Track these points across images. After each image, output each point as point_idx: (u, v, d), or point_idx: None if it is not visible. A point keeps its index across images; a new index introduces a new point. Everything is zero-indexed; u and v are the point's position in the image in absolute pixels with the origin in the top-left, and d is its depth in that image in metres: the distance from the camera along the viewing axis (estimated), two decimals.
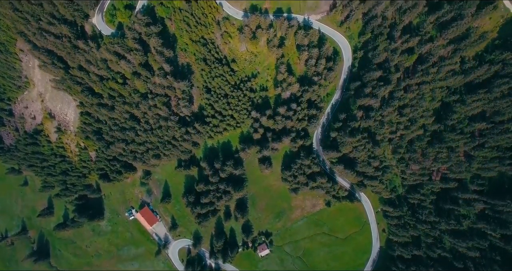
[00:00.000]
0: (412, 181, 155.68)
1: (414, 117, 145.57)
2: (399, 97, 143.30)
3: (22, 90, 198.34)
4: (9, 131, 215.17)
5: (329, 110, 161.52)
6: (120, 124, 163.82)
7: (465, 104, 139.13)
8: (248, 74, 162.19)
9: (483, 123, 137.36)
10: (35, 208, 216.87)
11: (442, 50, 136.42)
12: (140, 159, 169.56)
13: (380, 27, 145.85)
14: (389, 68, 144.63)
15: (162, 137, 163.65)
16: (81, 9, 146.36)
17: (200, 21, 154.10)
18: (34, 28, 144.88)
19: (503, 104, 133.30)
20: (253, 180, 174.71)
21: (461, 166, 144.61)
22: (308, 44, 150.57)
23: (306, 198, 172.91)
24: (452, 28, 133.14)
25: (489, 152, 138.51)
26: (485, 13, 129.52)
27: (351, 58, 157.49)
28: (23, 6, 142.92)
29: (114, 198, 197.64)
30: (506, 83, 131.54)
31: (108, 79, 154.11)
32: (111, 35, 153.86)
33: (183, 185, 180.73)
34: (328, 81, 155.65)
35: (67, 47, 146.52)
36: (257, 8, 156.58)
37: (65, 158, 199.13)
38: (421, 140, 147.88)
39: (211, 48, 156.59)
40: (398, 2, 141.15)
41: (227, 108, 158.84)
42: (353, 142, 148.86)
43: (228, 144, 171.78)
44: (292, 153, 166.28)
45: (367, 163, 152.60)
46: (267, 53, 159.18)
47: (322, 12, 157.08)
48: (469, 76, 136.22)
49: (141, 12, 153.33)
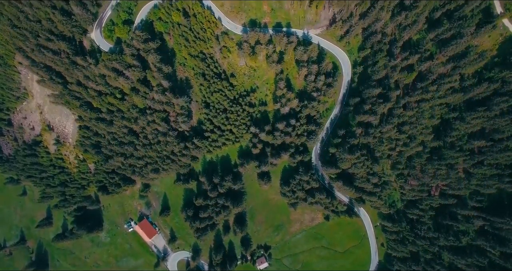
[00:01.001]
0: (411, 196, 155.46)
1: (413, 134, 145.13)
2: (398, 114, 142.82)
3: (20, 101, 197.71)
4: (8, 141, 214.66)
5: (328, 125, 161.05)
6: (119, 138, 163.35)
7: (464, 121, 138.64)
8: (247, 89, 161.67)
9: (482, 141, 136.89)
10: (34, 218, 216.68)
11: (441, 68, 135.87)
12: (139, 173, 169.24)
13: (380, 43, 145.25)
14: (388, 85, 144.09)
15: (160, 152, 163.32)
16: (79, 25, 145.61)
17: (199, 36, 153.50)
18: (32, 44, 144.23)
19: (503, 122, 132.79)
20: (252, 194, 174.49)
21: (460, 183, 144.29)
22: (307, 60, 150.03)
23: (305, 211, 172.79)
24: (451, 46, 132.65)
25: (488, 169, 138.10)
26: (484, 32, 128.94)
27: (351, 73, 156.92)
28: (21, 22, 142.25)
29: (113, 210, 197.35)
30: (506, 102, 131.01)
31: (107, 94, 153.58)
32: (110, 51, 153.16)
33: (182, 198, 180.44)
34: (328, 97, 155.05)
35: (66, 63, 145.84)
36: (256, 23, 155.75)
37: (64, 169, 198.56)
38: (420, 156, 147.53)
39: (210, 63, 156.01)
40: (398, 19, 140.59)
41: (226, 123, 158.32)
42: (352, 158, 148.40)
43: (227, 157, 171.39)
44: (291, 167, 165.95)
45: (366, 179, 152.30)
46: (266, 67, 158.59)
47: (321, 27, 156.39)
48: (468, 94, 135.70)
49: (139, 27, 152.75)
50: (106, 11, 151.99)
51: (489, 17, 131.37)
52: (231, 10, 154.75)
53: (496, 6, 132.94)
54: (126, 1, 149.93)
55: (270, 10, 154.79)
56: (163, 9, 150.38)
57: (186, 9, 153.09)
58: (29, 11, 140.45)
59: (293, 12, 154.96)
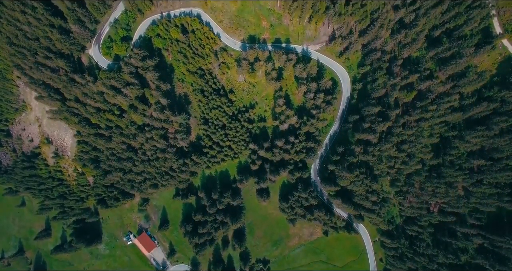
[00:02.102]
0: (409, 213, 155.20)
1: (413, 152, 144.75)
2: (397, 133, 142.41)
3: (19, 112, 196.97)
4: (7, 152, 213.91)
5: (327, 141, 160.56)
6: (118, 154, 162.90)
7: (464, 140, 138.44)
8: (246, 104, 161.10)
9: (482, 160, 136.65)
10: (32, 228, 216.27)
11: (441, 87, 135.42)
12: (138, 188, 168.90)
13: (379, 61, 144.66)
14: (388, 103, 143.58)
15: (159, 168, 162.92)
16: (77, 42, 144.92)
17: (198, 52, 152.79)
18: (30, 62, 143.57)
19: (502, 142, 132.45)
20: (251, 208, 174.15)
21: (459, 201, 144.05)
22: (306, 77, 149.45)
23: (303, 226, 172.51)
24: (451, 66, 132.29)
25: (487, 188, 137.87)
26: (483, 52, 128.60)
27: (350, 89, 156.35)
28: (19, 41, 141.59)
29: (112, 222, 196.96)
30: (505, 121, 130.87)
31: (105, 111, 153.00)
32: (108, 67, 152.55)
33: (181, 212, 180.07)
34: (327, 114, 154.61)
35: (64, 80, 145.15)
36: (255, 39, 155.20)
37: (63, 181, 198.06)
38: (419, 174, 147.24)
39: (208, 79, 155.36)
40: (398, 37, 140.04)
41: (225, 139, 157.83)
42: (351, 177, 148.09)
43: (226, 172, 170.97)
44: (290, 182, 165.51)
45: (364, 197, 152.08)
46: (265, 83, 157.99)
47: (321, 43, 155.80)
48: (468, 113, 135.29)
49: (138, 43, 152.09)
50: (104, 27, 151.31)
51: (489, 37, 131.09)
52: (230, 26, 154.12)
53: (495, 26, 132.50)
54: (125, 18, 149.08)
55: (269, 26, 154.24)
56: (161, 25, 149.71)
57: (185, 25, 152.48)
58: (28, 29, 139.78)
59: (292, 28, 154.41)
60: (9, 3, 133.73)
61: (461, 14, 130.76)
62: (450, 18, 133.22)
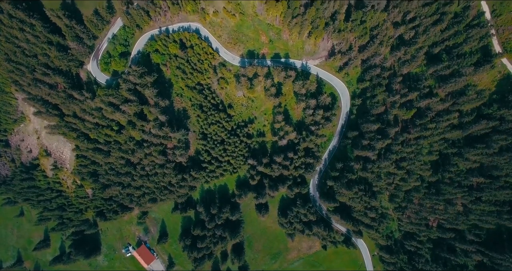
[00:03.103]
0: (408, 228, 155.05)
1: (412, 169, 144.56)
2: (396, 151, 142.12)
3: (18, 123, 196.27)
4: (5, 162, 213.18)
5: (326, 156, 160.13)
6: (116, 169, 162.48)
7: (463, 157, 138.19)
8: (245, 119, 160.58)
9: (481, 178, 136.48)
10: (31, 238, 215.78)
11: (440, 105, 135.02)
12: (137, 202, 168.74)
13: (378, 77, 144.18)
14: (387, 120, 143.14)
15: (158, 183, 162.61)
16: (75, 58, 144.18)
17: (196, 67, 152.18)
18: (28, 79, 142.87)
19: (501, 160, 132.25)
20: (249, 222, 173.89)
21: (458, 218, 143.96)
22: (305, 93, 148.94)
23: (302, 239, 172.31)
24: (450, 84, 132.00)
25: (486, 206, 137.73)
26: (483, 70, 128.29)
27: (349, 104, 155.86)
28: (17, 57, 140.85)
29: (111, 234, 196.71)
30: (504, 140, 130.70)
31: (103, 126, 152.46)
32: (106, 83, 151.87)
33: (180, 225, 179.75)
34: (326, 129, 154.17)
35: (62, 96, 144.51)
36: (254, 54, 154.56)
37: (62, 192, 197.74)
38: (418, 191, 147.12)
39: (207, 94, 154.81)
40: (397, 54, 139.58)
41: (224, 154, 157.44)
42: (350, 194, 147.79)
43: (225, 186, 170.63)
44: (289, 197, 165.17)
45: (363, 213, 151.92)
46: (264, 98, 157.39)
47: (320, 58, 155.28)
48: (467, 131, 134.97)
49: (136, 59, 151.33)
50: (103, 42, 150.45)
51: (488, 55, 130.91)
52: (228, 41, 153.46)
53: (494, 44, 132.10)
54: (123, 33, 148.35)
55: (268, 41, 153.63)
56: (159, 41, 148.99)
57: (183, 40, 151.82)
58: (26, 46, 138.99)
59: (291, 43, 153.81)
60: (7, 21, 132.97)
61: (460, 32, 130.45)
62: (450, 36, 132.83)
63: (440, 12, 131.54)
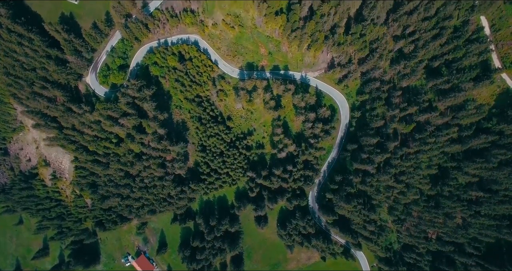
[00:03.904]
0: (407, 241, 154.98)
1: (411, 183, 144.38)
2: (395, 165, 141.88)
3: (17, 132, 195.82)
4: (4, 170, 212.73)
5: (325, 168, 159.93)
6: (115, 180, 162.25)
7: (462, 171, 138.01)
8: (244, 131, 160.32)
9: (480, 192, 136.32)
10: (30, 247, 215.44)
11: (440, 120, 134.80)
12: (136, 213, 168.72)
13: (378, 91, 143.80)
14: (386, 134, 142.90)
15: (157, 195, 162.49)
16: (74, 71, 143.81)
17: (195, 79, 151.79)
18: (27, 92, 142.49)
19: (501, 175, 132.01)
20: (249, 232, 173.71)
21: (457, 232, 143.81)
22: (305, 106, 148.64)
23: (301, 250, 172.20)
24: (450, 98, 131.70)
25: (486, 220, 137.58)
26: (482, 86, 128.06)
27: (349, 116, 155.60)
28: (16, 71, 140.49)
29: (110, 243, 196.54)
30: (504, 154, 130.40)
31: (102, 139, 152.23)
32: (105, 95, 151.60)
33: (179, 235, 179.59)
34: (325, 142, 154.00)
35: (61, 110, 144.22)
36: (254, 66, 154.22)
37: (61, 202, 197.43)
38: (417, 204, 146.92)
39: (206, 106, 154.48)
40: (397, 68, 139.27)
41: (223, 167, 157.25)
42: (349, 207, 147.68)
43: (224, 198, 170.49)
44: (288, 209, 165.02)
45: (362, 226, 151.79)
46: (263, 110, 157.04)
47: (319, 70, 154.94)
48: (466, 146, 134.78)
49: (135, 71, 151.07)
50: (102, 55, 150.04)
51: (487, 70, 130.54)
52: (227, 53, 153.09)
53: (493, 58, 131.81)
54: (121, 46, 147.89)
55: (267, 53, 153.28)
56: (158, 53, 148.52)
57: (182, 52, 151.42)
58: (24, 60, 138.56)
59: (291, 55, 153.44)
60: (6, 35, 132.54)
61: (460, 47, 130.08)
62: (449, 50, 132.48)
63: (440, 27, 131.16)
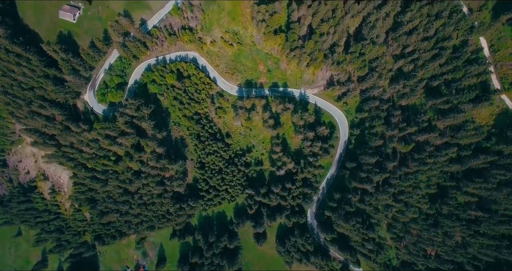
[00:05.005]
0: (406, 258, 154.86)
1: (410, 202, 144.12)
2: (394, 184, 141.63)
3: (16, 144, 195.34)
4: (3, 182, 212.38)
5: (324, 184, 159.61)
6: (114, 197, 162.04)
7: (461, 191, 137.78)
8: (242, 147, 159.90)
9: (479, 212, 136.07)
10: (28, 258, 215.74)
11: (439, 140, 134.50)
12: (135, 229, 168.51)
13: (377, 110, 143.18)
14: (385, 153, 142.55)
15: (156, 211, 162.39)
16: (72, 90, 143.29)
17: (194, 97, 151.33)
18: (25, 111, 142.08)
19: (500, 196, 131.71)
20: (248, 247, 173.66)
21: (457, 251, 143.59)
22: (304, 124, 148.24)
23: (300, 266, 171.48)
24: (449, 119, 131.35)
25: (485, 240, 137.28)
26: (481, 107, 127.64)
27: (348, 133, 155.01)
28: (14, 90, 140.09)
29: (109, 256, 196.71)
30: (503, 175, 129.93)
31: (101, 157, 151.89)
32: (103, 112, 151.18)
33: (178, 249, 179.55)
34: (324, 160, 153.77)
35: (59, 128, 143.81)
36: (252, 83, 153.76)
37: (60, 215, 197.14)
38: (416, 223, 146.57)
39: (204, 124, 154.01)
40: (396, 87, 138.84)
41: (222, 184, 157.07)
42: (348, 226, 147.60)
43: (223, 213, 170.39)
44: (287, 225, 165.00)
45: (361, 244, 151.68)
46: (262, 127, 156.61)
47: (319, 87, 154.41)
48: (466, 166, 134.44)
49: (133, 89, 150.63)
50: (100, 73, 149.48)
51: (487, 91, 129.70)
52: (226, 70, 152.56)
53: (493, 79, 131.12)
54: (119, 64, 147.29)
55: (266, 71, 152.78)
56: (156, 71, 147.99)
57: (181, 69, 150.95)
58: (22, 80, 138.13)
59: (290, 72, 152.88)
60: (4, 56, 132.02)
61: (459, 68, 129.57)
62: (449, 71, 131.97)
63: (439, 47, 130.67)
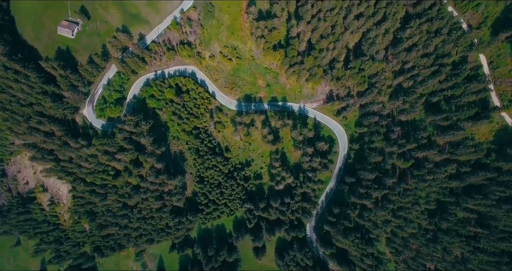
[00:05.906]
0: None
1: (409, 218, 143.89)
2: (393, 201, 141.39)
3: (15, 155, 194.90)
4: (2, 191, 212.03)
5: (323, 198, 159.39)
6: (113, 210, 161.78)
7: (460, 207, 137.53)
8: (241, 161, 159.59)
9: (479, 228, 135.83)
10: (27, 269, 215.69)
11: (438, 157, 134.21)
12: (134, 242, 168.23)
13: (377, 125, 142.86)
14: (385, 169, 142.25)
15: (155, 225, 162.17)
16: (70, 106, 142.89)
17: (192, 112, 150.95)
18: (23, 127, 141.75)
19: (499, 212, 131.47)
20: (247, 260, 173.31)
21: (456, 267, 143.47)
22: (303, 140, 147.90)
23: None
24: (449, 135, 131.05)
25: (485, 256, 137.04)
26: (481, 124, 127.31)
27: (347, 147, 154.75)
28: (12, 106, 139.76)
29: (109, 268, 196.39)
30: (502, 192, 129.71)
31: (100, 172, 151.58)
32: (102, 127, 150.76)
33: (177, 261, 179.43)
34: (324, 174, 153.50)
35: (57, 144, 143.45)
36: (251, 98, 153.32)
37: (59, 225, 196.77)
38: (415, 238, 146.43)
39: (203, 138, 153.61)
40: (396, 103, 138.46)
41: (221, 198, 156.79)
42: (347, 242, 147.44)
43: (222, 226, 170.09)
44: (286, 239, 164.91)
45: (360, 259, 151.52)
46: (261, 141, 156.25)
47: (318, 101, 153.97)
48: (465, 182, 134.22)
49: (132, 103, 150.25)
50: (98, 88, 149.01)
51: (486, 108, 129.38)
52: (225, 85, 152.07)
53: (492, 95, 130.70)
54: (118, 80, 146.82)
55: (265, 85, 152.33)
56: (155, 86, 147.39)
57: (179, 84, 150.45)
58: (21, 96, 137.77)
59: (289, 87, 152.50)
60: (2, 72, 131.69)
61: (459, 85, 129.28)
62: (448, 87, 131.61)
63: (439, 63, 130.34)
